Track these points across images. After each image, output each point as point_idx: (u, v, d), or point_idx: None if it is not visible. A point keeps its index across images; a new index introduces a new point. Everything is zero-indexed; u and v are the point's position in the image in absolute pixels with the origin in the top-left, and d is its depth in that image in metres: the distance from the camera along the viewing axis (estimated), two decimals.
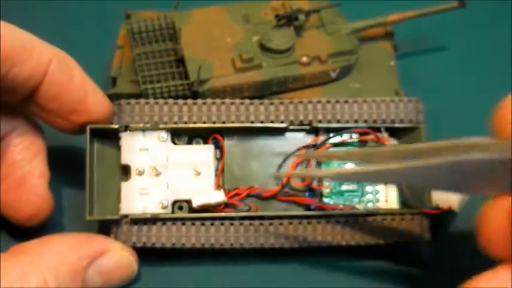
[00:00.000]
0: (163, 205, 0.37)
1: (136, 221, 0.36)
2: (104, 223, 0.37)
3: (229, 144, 0.38)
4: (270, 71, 0.41)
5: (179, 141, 0.38)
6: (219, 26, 0.43)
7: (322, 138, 0.39)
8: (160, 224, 0.37)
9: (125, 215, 0.36)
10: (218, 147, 0.39)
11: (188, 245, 0.36)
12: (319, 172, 0.38)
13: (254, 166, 0.38)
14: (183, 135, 0.38)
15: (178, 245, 0.36)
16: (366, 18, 0.45)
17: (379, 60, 0.45)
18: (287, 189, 0.38)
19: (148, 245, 0.36)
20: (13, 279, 0.30)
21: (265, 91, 0.42)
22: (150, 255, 0.37)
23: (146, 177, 0.37)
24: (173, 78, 0.41)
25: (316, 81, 0.43)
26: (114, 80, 0.42)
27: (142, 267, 0.37)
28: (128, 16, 0.44)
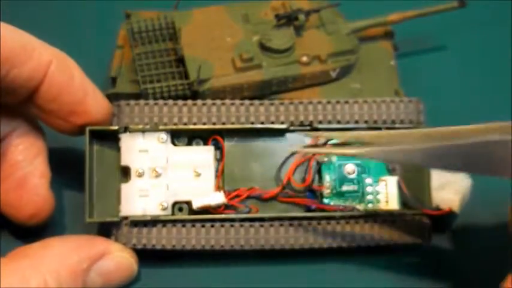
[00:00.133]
0: (163, 207, 0.37)
1: (137, 222, 0.36)
2: (104, 225, 0.37)
3: (230, 145, 0.38)
4: (270, 70, 0.41)
5: (179, 142, 0.38)
6: (219, 26, 0.43)
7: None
8: (160, 225, 0.36)
9: (124, 217, 0.36)
10: (218, 148, 0.38)
11: (188, 246, 0.36)
12: (347, 150, 0.35)
13: (254, 167, 0.38)
14: (182, 136, 0.38)
15: (178, 247, 0.36)
16: (366, 18, 0.45)
17: (379, 60, 0.45)
18: (287, 190, 0.38)
19: (149, 246, 0.36)
20: (14, 283, 0.30)
21: (265, 91, 0.42)
22: (150, 256, 0.37)
23: (146, 179, 0.37)
24: (173, 78, 0.41)
25: (316, 81, 0.43)
26: (114, 79, 0.42)
27: (142, 268, 0.37)
28: (128, 16, 0.44)
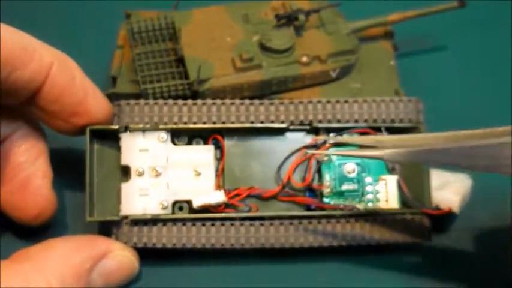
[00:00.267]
0: (163, 206, 0.37)
1: (137, 221, 0.36)
2: (105, 224, 0.37)
3: (230, 144, 0.38)
4: (270, 70, 0.41)
5: (179, 141, 0.38)
6: (219, 26, 0.43)
7: (321, 138, 0.39)
8: (160, 224, 0.36)
9: (125, 216, 0.36)
10: (218, 147, 0.39)
11: (189, 245, 0.36)
12: (367, 152, 0.34)
13: (254, 166, 0.38)
14: (183, 135, 0.38)
15: (179, 246, 0.36)
16: (366, 18, 0.45)
17: (379, 60, 0.45)
18: (287, 190, 0.38)
19: (149, 245, 0.36)
20: (16, 285, 0.30)
21: (265, 91, 0.42)
22: (151, 256, 0.37)
23: (146, 178, 0.37)
24: (173, 78, 0.41)
25: (316, 81, 0.43)
26: (114, 79, 0.42)
27: (143, 267, 0.37)
28: (128, 16, 0.44)
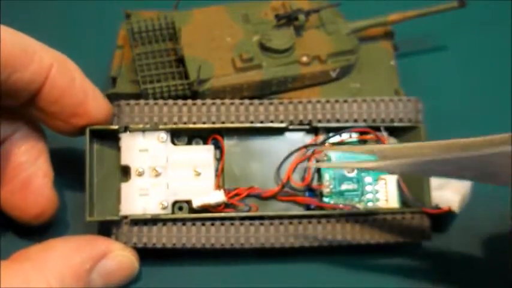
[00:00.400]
0: (163, 206, 0.37)
1: (137, 221, 0.36)
2: (104, 224, 0.37)
3: (229, 144, 0.38)
4: (270, 70, 0.41)
5: (179, 141, 0.38)
6: (219, 26, 0.43)
7: (321, 137, 0.39)
8: (160, 224, 0.37)
9: (125, 216, 0.36)
10: (218, 147, 0.39)
11: (189, 245, 0.36)
12: (367, 164, 0.34)
13: (254, 166, 0.38)
14: (182, 135, 0.38)
15: (178, 246, 0.36)
16: (366, 18, 0.45)
17: (379, 60, 0.45)
18: (287, 189, 0.38)
19: (149, 245, 0.36)
20: (16, 285, 0.30)
21: (265, 91, 0.42)
22: (151, 256, 0.37)
23: (146, 178, 0.37)
24: (173, 78, 0.41)
25: (316, 81, 0.43)
26: (114, 79, 0.42)
27: (143, 267, 0.37)
28: (128, 16, 0.44)
